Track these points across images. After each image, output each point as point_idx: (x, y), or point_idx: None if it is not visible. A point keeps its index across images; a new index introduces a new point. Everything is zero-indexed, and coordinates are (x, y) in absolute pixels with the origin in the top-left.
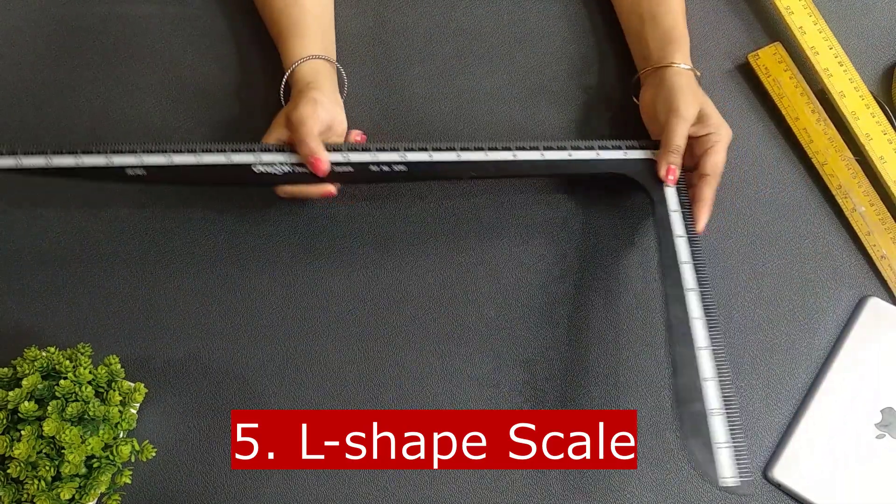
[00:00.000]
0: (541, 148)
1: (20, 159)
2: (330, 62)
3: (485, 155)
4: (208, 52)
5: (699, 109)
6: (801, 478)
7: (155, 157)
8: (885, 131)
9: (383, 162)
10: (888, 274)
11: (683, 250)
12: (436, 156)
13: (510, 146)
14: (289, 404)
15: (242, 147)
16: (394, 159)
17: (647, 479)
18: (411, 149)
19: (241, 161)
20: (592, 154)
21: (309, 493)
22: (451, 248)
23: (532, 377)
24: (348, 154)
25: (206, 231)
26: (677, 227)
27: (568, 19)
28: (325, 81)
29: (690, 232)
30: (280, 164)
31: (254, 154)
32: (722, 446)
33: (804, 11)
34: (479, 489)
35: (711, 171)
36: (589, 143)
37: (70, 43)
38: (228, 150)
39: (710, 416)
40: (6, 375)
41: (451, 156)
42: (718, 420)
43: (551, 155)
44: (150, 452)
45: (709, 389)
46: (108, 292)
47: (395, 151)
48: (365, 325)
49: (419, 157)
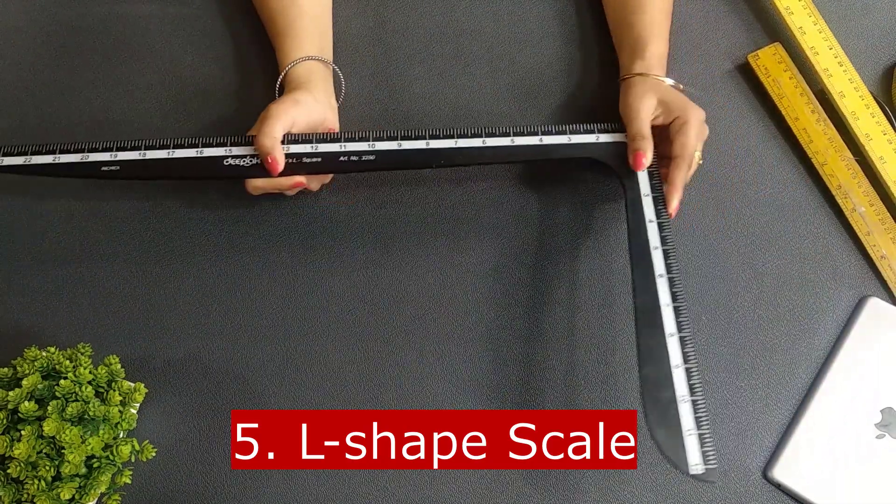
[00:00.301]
0: (511, 134)
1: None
2: (326, 64)
3: (454, 143)
4: (208, 52)
5: (657, 98)
6: (801, 478)
7: (128, 153)
8: (885, 131)
9: (352, 152)
10: (888, 274)
11: (654, 235)
12: (405, 144)
13: (480, 133)
14: (289, 404)
15: (214, 141)
16: (363, 149)
17: (647, 479)
18: (380, 138)
19: (212, 154)
20: (564, 139)
21: (309, 493)
22: (451, 248)
23: (532, 377)
24: (317, 145)
25: (205, 231)
26: (648, 212)
27: (567, 20)
28: (319, 83)
29: (662, 217)
30: (248, 156)
31: (225, 148)
32: (691, 433)
33: (804, 11)
34: (479, 489)
35: (679, 152)
36: (560, 128)
37: (70, 43)
38: (201, 144)
39: (679, 404)
40: (6, 375)
41: (420, 144)
42: (686, 407)
43: (522, 140)
44: (150, 452)
45: (678, 377)
46: (108, 292)
47: (364, 141)
48: (365, 325)
49: (388, 146)
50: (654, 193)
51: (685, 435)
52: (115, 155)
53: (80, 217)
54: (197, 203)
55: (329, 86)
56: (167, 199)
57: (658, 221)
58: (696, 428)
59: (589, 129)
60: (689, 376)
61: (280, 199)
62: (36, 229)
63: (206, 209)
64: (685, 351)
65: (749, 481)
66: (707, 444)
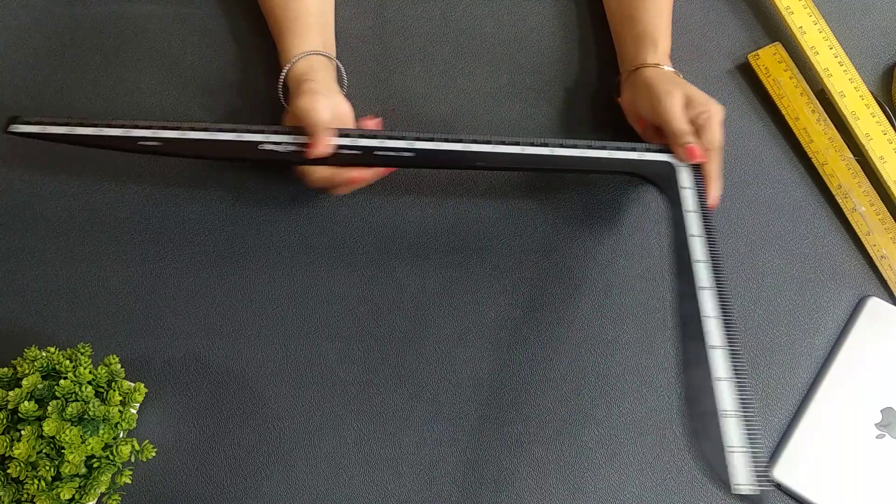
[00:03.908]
0: (552, 144)
1: (46, 128)
2: (328, 58)
3: (493, 147)
4: (209, 51)
5: (683, 94)
6: (801, 478)
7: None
8: (885, 131)
9: (391, 148)
10: (888, 274)
11: (699, 249)
12: (444, 146)
13: (519, 141)
14: (289, 404)
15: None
16: (402, 146)
17: (647, 479)
18: (420, 138)
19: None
20: (606, 153)
21: (309, 492)
22: (451, 248)
23: (532, 378)
24: (357, 140)
25: (206, 231)
26: (693, 227)
27: (567, 19)
28: (320, 73)
29: (708, 232)
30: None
31: (263, 134)
32: (735, 450)
33: (804, 11)
34: (479, 489)
35: (711, 146)
36: (602, 143)
37: (70, 43)
38: (241, 129)
39: (722, 418)
40: (6, 375)
41: (459, 146)
42: (732, 422)
43: (562, 151)
44: (150, 452)
45: (723, 390)
46: (107, 292)
47: (403, 139)
48: (365, 325)
49: (428, 146)
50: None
51: (727, 451)
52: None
53: (80, 217)
54: (197, 203)
55: (331, 77)
56: (167, 199)
57: (705, 237)
58: (743, 446)
59: (631, 147)
60: (737, 391)
61: (280, 199)
62: (36, 229)
63: (206, 209)
64: (734, 364)
65: None
66: (758, 464)
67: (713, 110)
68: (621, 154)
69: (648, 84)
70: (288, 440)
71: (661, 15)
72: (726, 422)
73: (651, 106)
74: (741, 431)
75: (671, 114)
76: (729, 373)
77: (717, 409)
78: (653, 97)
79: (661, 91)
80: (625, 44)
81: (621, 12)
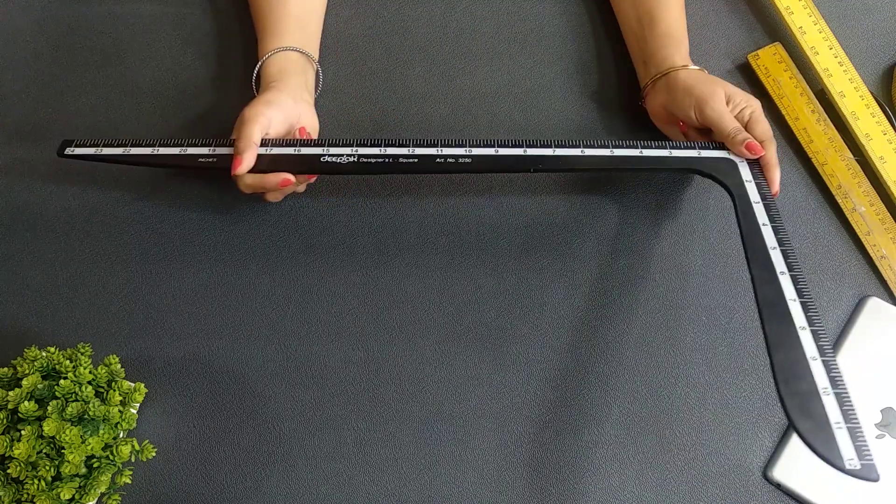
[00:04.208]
0: (610, 146)
1: (100, 149)
2: (303, 55)
3: (552, 151)
4: (208, 51)
5: (724, 93)
6: (801, 478)
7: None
8: (885, 131)
9: (448, 155)
10: (888, 274)
11: (770, 237)
12: (502, 151)
13: (578, 143)
14: (288, 404)
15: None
16: (459, 153)
17: (647, 479)
18: (477, 144)
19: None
20: (664, 152)
21: (309, 492)
22: (451, 248)
23: (532, 378)
24: (414, 149)
25: (205, 231)
26: (761, 216)
27: (567, 19)
28: (291, 78)
29: (775, 220)
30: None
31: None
32: (841, 426)
33: (804, 11)
34: (479, 489)
35: (763, 136)
36: (660, 143)
37: (70, 43)
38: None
39: (824, 396)
40: (6, 375)
41: (518, 151)
42: (831, 400)
43: (621, 152)
44: (150, 452)
45: (818, 369)
46: (108, 292)
47: (460, 147)
48: (365, 325)
49: (485, 152)
50: (757, 179)
51: (834, 428)
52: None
53: (80, 217)
54: (197, 203)
55: (304, 78)
56: (167, 199)
57: (773, 225)
58: (844, 421)
59: (689, 146)
60: (828, 369)
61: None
62: (36, 229)
63: (205, 209)
64: (820, 344)
65: (749, 481)
66: (859, 440)
67: (754, 104)
68: (684, 153)
69: (688, 87)
70: (288, 440)
71: (681, 14)
72: (827, 399)
73: (698, 108)
74: (841, 408)
75: (721, 114)
76: (821, 352)
77: (817, 388)
78: (698, 100)
79: (704, 93)
80: (646, 44)
81: (638, 12)
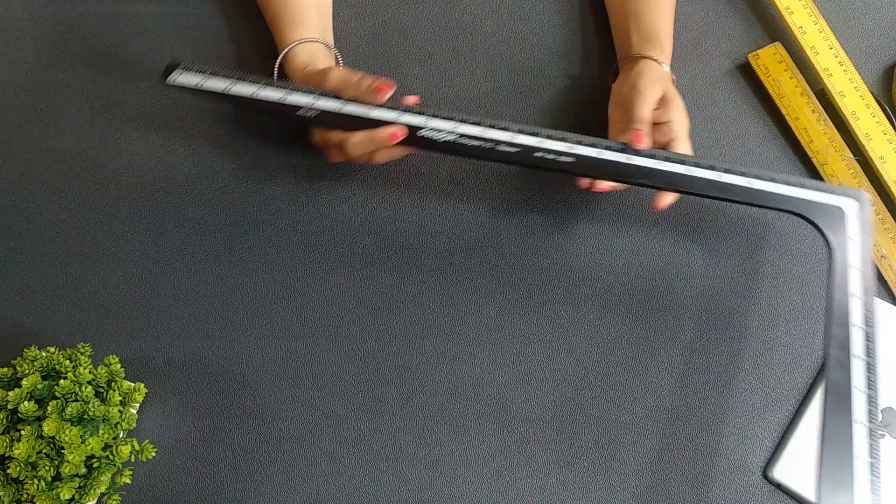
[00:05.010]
0: (719, 169)
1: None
2: (327, 47)
3: (657, 164)
4: (208, 51)
5: (662, 93)
6: (801, 478)
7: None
8: (885, 131)
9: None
10: (888, 274)
11: (856, 312)
12: (606, 154)
13: (685, 160)
14: (288, 404)
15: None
16: (561, 149)
17: (647, 479)
18: (581, 142)
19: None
20: (773, 186)
21: (309, 492)
22: (451, 248)
23: (532, 378)
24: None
25: (205, 231)
26: (853, 286)
27: (567, 19)
28: (322, 63)
29: (867, 295)
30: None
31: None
32: None
33: (804, 11)
34: (479, 489)
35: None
36: (770, 175)
37: (70, 43)
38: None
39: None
40: (6, 375)
41: (621, 157)
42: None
43: (729, 178)
44: (150, 452)
45: (859, 465)
46: (107, 292)
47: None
48: (365, 325)
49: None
50: (863, 240)
51: None
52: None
53: (80, 217)
54: (196, 203)
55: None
56: (168, 199)
57: (864, 299)
58: None
59: (801, 183)
60: (871, 471)
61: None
62: (36, 229)
63: (205, 209)
64: (871, 443)
65: (749, 481)
66: None
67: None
68: (792, 190)
69: (640, 72)
70: (288, 440)
71: (666, 15)
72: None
73: (630, 89)
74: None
75: (641, 99)
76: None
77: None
78: (635, 83)
79: (646, 81)
80: (628, 38)
81: (625, 8)
